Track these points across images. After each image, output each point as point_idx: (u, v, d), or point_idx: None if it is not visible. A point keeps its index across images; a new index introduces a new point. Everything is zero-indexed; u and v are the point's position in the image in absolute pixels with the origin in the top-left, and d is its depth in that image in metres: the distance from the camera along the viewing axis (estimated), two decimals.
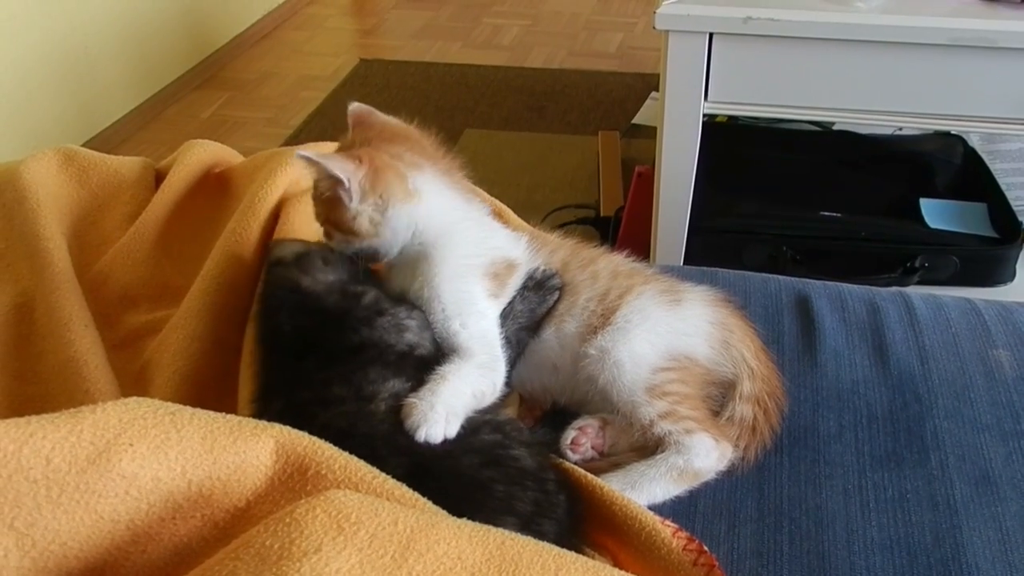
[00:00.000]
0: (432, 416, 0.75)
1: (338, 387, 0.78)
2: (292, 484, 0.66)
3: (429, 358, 0.83)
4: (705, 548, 0.76)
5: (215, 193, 1.14)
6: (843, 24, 1.34)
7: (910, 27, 1.33)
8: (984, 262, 1.73)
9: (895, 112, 1.46)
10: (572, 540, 0.73)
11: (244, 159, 1.19)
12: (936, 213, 1.77)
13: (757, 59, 1.41)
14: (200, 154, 1.16)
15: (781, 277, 1.17)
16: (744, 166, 1.90)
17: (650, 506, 0.81)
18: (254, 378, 0.86)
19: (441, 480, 0.72)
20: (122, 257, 1.06)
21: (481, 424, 0.79)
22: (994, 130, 1.57)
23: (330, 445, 0.68)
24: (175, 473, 0.61)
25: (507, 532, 0.65)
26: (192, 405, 0.66)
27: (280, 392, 0.81)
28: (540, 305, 0.91)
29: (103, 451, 0.59)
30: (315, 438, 0.68)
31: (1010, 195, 1.81)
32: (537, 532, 0.70)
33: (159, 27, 2.93)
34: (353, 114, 0.94)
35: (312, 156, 0.80)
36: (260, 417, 0.69)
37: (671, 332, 0.90)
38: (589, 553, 0.75)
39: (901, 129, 1.97)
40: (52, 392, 0.89)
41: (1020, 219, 1.75)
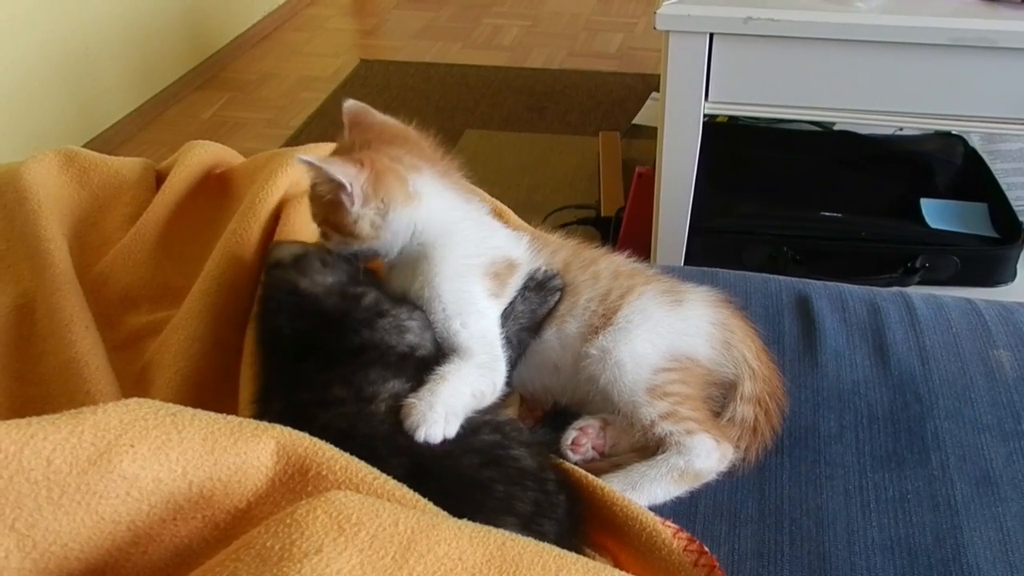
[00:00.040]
0: (431, 416, 0.75)
1: (338, 388, 0.78)
2: (293, 485, 0.66)
3: (430, 359, 0.83)
4: (706, 549, 0.76)
5: (216, 194, 1.14)
6: (843, 24, 1.34)
7: (910, 27, 1.33)
8: (985, 262, 1.73)
9: (895, 112, 1.46)
10: (572, 540, 0.73)
11: (245, 160, 1.19)
12: (937, 213, 1.77)
13: (757, 59, 1.41)
14: (201, 155, 1.16)
15: (782, 277, 1.17)
16: (745, 166, 1.90)
17: (651, 507, 0.80)
18: (254, 379, 0.86)
19: (441, 480, 0.72)
20: (123, 258, 1.06)
21: (481, 424, 0.79)
22: (994, 130, 1.57)
23: (331, 446, 0.68)
24: (176, 474, 0.61)
25: (507, 533, 0.65)
26: (193, 406, 0.66)
27: (280, 393, 0.81)
28: (541, 306, 0.91)
29: (104, 452, 0.59)
30: (316, 439, 0.68)
31: (1011, 195, 1.81)
32: (537, 532, 0.70)
33: (160, 28, 2.93)
34: (349, 112, 0.93)
35: (314, 161, 0.80)
36: (260, 418, 0.69)
37: (672, 333, 0.90)
38: (589, 554, 0.75)
39: (901, 129, 1.97)
40: (53, 393, 0.89)
41: (1021, 219, 1.75)
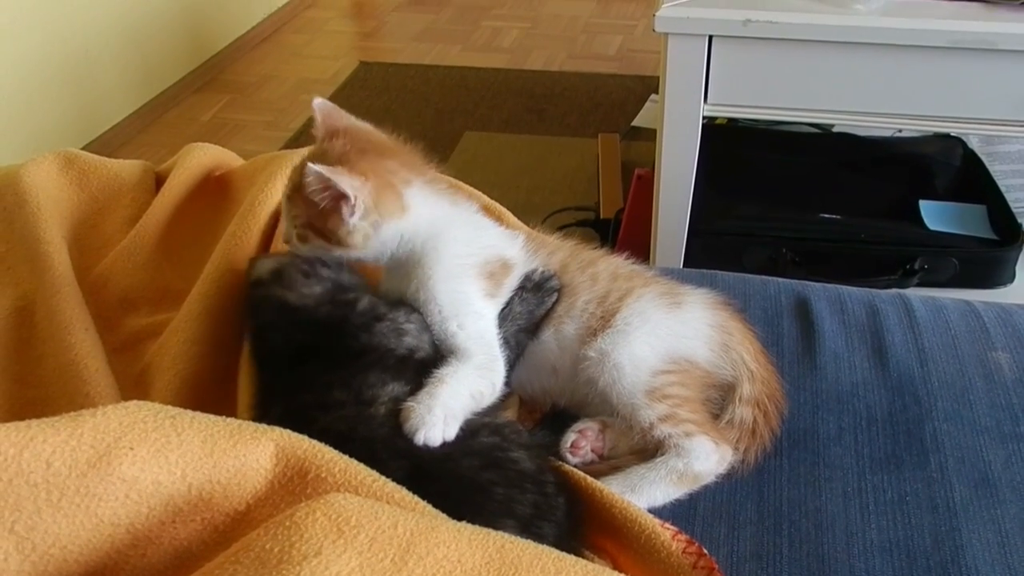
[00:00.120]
0: (430, 419, 0.75)
1: (338, 391, 0.78)
2: (292, 487, 0.66)
3: (429, 361, 0.83)
4: (705, 551, 0.76)
5: (215, 196, 1.14)
6: (842, 27, 1.34)
7: (909, 29, 1.33)
8: (984, 264, 1.73)
9: (895, 114, 1.46)
10: (571, 543, 0.73)
11: (244, 162, 1.19)
12: (936, 215, 1.78)
13: (757, 61, 1.41)
14: (200, 157, 1.16)
15: (781, 279, 1.17)
16: (744, 168, 1.90)
17: (650, 509, 0.81)
18: (253, 383, 0.86)
19: (440, 483, 0.72)
20: (122, 260, 1.06)
21: (480, 427, 0.79)
22: (993, 132, 1.57)
23: (330, 448, 0.68)
24: (175, 477, 0.62)
25: (507, 535, 0.65)
26: (192, 408, 0.66)
27: (280, 397, 0.81)
28: (538, 307, 0.91)
29: (103, 455, 0.59)
30: (315, 441, 0.68)
31: (1009, 197, 1.81)
32: (536, 535, 0.70)
33: (159, 30, 2.94)
34: (321, 111, 0.91)
35: (323, 171, 0.79)
36: (260, 422, 0.69)
37: (671, 335, 0.90)
38: (589, 556, 0.75)
39: (901, 131, 1.97)
40: (52, 396, 0.89)
41: (1019, 221, 1.75)
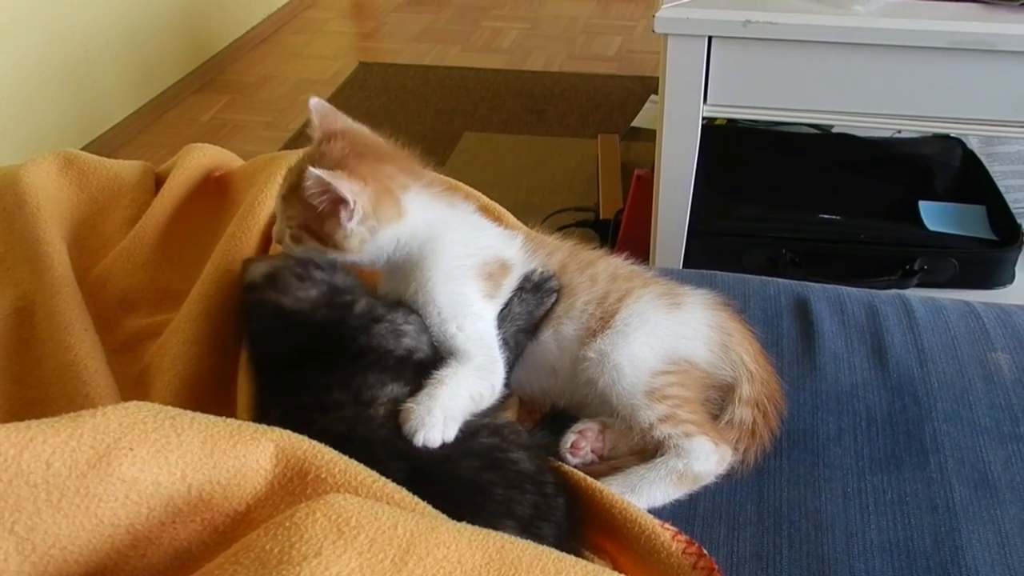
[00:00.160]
0: (430, 420, 0.75)
1: (337, 392, 0.78)
2: (292, 488, 0.66)
3: (428, 362, 0.83)
4: (705, 551, 0.76)
5: (215, 197, 1.14)
6: (842, 27, 1.34)
7: (909, 30, 1.33)
8: (983, 264, 1.73)
9: (894, 115, 1.46)
10: (571, 543, 0.73)
11: (244, 163, 1.19)
12: (935, 215, 1.78)
13: (756, 62, 1.41)
14: (200, 158, 1.16)
15: (780, 280, 1.17)
16: (743, 169, 1.90)
17: (650, 509, 0.81)
18: (252, 385, 0.86)
19: (440, 484, 0.72)
20: (122, 261, 1.06)
21: (479, 427, 0.79)
22: (993, 133, 1.57)
23: (330, 449, 0.68)
24: (175, 477, 0.61)
25: (506, 536, 0.65)
26: (192, 409, 0.66)
27: (278, 399, 0.81)
28: (538, 307, 0.91)
29: (103, 455, 0.59)
30: (315, 442, 0.68)
31: (1009, 197, 1.81)
32: (536, 535, 0.70)
33: (159, 31, 2.94)
34: (317, 111, 0.91)
35: (324, 175, 0.79)
36: (259, 423, 0.69)
37: (670, 336, 0.90)
38: (588, 556, 0.75)
39: (900, 132, 1.97)
40: (52, 396, 0.89)
41: (1019, 221, 1.75)
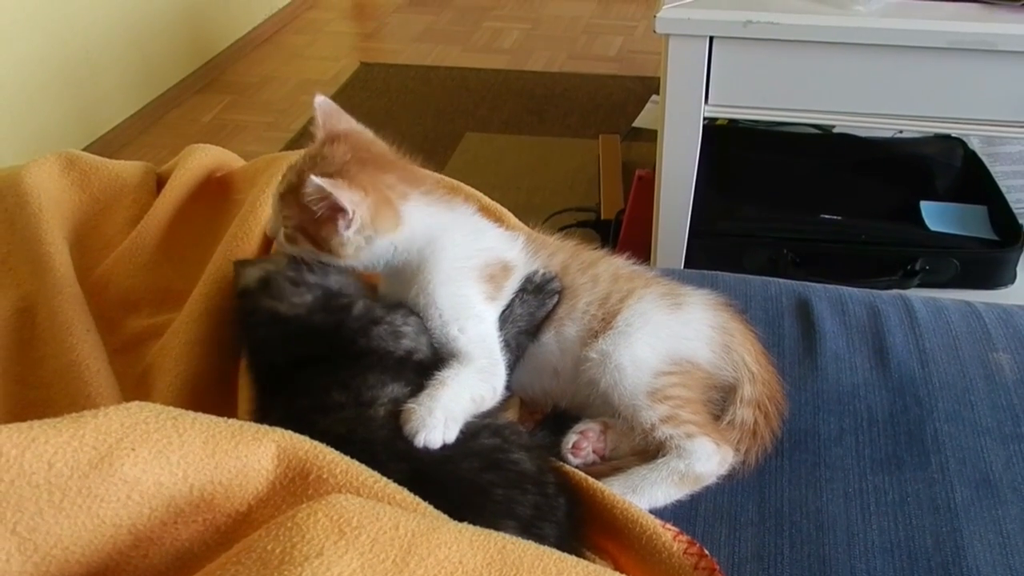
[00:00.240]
0: (431, 421, 0.75)
1: (337, 393, 0.78)
2: (294, 488, 0.66)
3: (428, 363, 0.83)
4: (706, 552, 0.76)
5: (216, 197, 1.14)
6: (843, 28, 1.34)
7: (910, 30, 1.33)
8: (985, 265, 1.73)
9: (895, 115, 1.46)
10: (572, 543, 0.73)
11: (245, 163, 1.19)
12: (936, 216, 1.78)
13: (757, 63, 1.41)
14: (201, 158, 1.16)
15: (782, 280, 1.17)
16: (744, 169, 1.91)
17: (651, 510, 0.81)
18: (252, 387, 0.86)
19: (441, 484, 0.72)
20: (124, 261, 1.06)
21: (480, 428, 0.79)
22: (994, 133, 1.57)
23: (331, 449, 0.68)
24: (177, 477, 0.62)
25: (508, 536, 0.65)
26: (194, 409, 0.66)
27: (279, 400, 0.81)
28: (539, 309, 0.91)
29: (105, 456, 0.59)
30: (316, 442, 0.68)
31: (1010, 197, 1.81)
32: (537, 536, 0.70)
33: (160, 31, 2.94)
34: (321, 110, 0.91)
35: (325, 184, 0.79)
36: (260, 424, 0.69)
37: (672, 336, 0.90)
38: (590, 556, 0.75)
39: (901, 132, 1.97)
40: (54, 397, 0.89)
41: (1020, 221, 1.75)
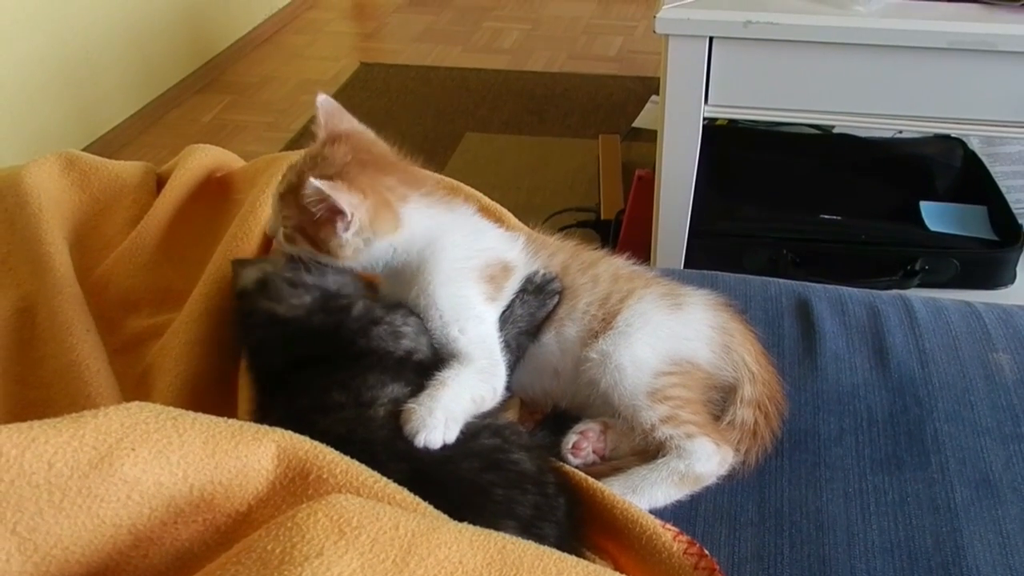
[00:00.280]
0: (431, 421, 0.75)
1: (337, 393, 0.78)
2: (294, 488, 0.66)
3: (428, 363, 0.83)
4: (706, 552, 0.76)
5: (216, 197, 1.14)
6: (843, 28, 1.34)
7: (910, 31, 1.33)
8: (984, 265, 1.73)
9: (895, 115, 1.46)
10: (572, 543, 0.73)
11: (245, 164, 1.19)
12: (936, 216, 1.78)
13: (757, 63, 1.41)
14: (201, 158, 1.16)
15: (781, 280, 1.17)
16: (744, 170, 1.90)
17: (651, 510, 0.81)
18: (251, 387, 0.86)
19: (441, 485, 0.72)
20: (124, 261, 1.06)
21: (481, 428, 0.79)
22: (994, 133, 1.57)
23: (331, 449, 0.68)
24: (177, 477, 0.62)
25: (508, 536, 0.65)
26: (194, 409, 0.66)
27: (279, 400, 0.81)
28: (540, 309, 0.91)
29: (105, 456, 0.59)
30: (316, 442, 0.68)
31: (1010, 198, 1.81)
32: (537, 536, 0.70)
33: (160, 31, 2.94)
34: (324, 109, 0.91)
35: (324, 187, 0.79)
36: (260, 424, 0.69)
37: (672, 336, 0.90)
38: (590, 556, 0.75)
39: (901, 132, 1.97)
40: (54, 397, 0.89)
41: (1020, 222, 1.75)
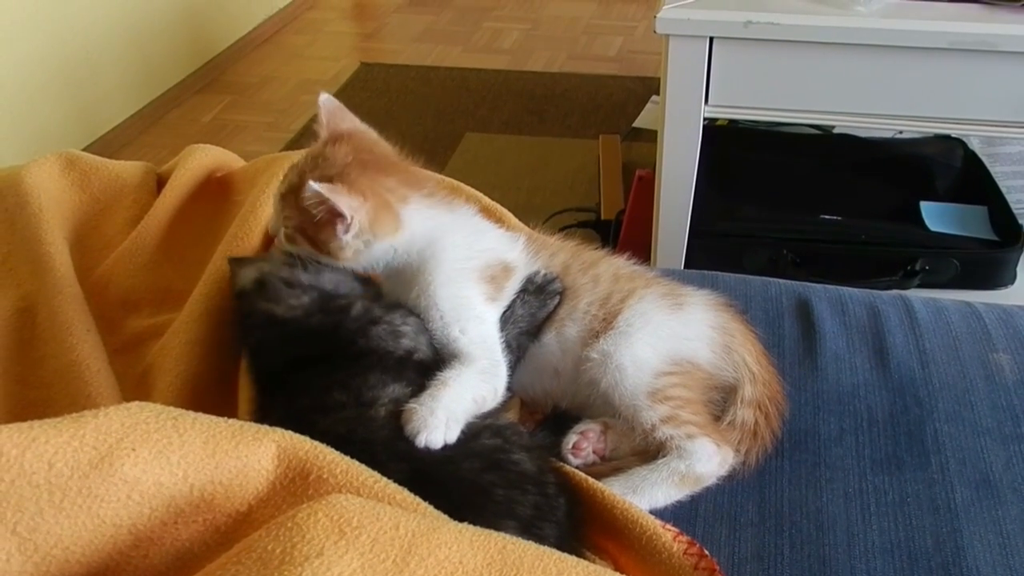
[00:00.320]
0: (432, 421, 0.75)
1: (337, 392, 0.78)
2: (294, 488, 0.66)
3: (428, 363, 0.83)
4: (706, 552, 0.76)
5: (217, 197, 1.14)
6: (843, 28, 1.34)
7: (910, 31, 1.33)
8: (985, 265, 1.73)
9: (895, 115, 1.46)
10: (573, 544, 0.73)
11: (245, 164, 1.19)
12: (936, 216, 1.78)
13: (757, 63, 1.41)
14: (201, 159, 1.16)
15: (782, 281, 1.17)
16: (744, 170, 1.90)
17: (651, 510, 0.81)
18: (252, 387, 0.86)
19: (441, 485, 0.72)
20: (124, 261, 1.06)
21: (481, 428, 0.79)
22: (994, 133, 1.57)
23: (331, 449, 0.68)
24: (177, 477, 0.62)
25: (508, 536, 0.65)
26: (194, 409, 0.66)
27: (279, 400, 0.81)
28: (540, 309, 0.91)
29: (105, 456, 0.59)
30: (317, 443, 0.68)
31: (1010, 198, 1.81)
32: (537, 536, 0.70)
33: (160, 31, 2.94)
34: (325, 109, 0.91)
35: (323, 190, 0.79)
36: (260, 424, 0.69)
37: (673, 336, 0.90)
38: (590, 557, 0.75)
39: (901, 132, 1.97)
40: (54, 397, 0.89)
41: (1020, 222, 1.75)
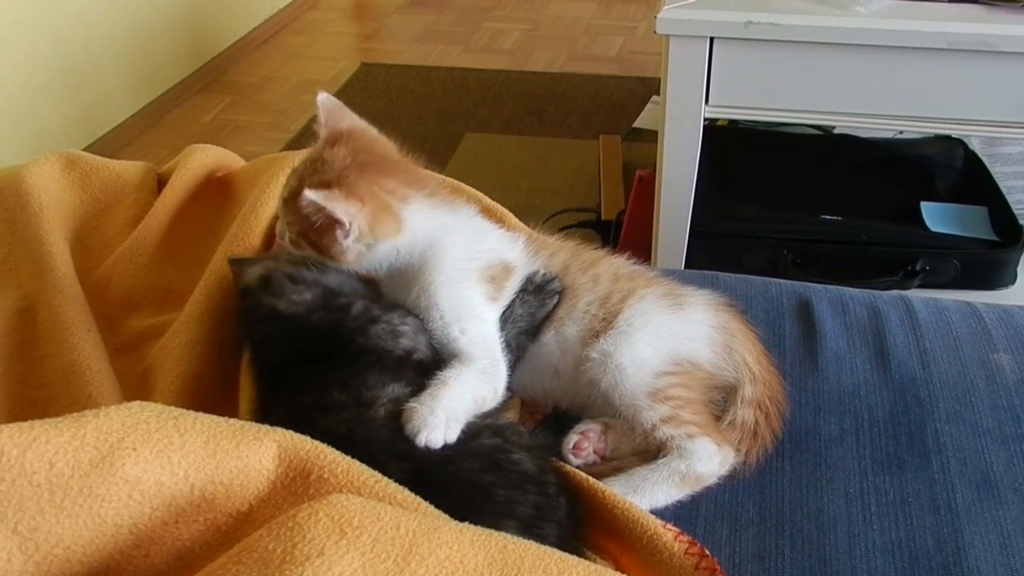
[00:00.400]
0: (432, 421, 0.75)
1: (337, 392, 0.78)
2: (295, 488, 0.66)
3: (427, 362, 0.83)
4: (707, 552, 0.76)
5: (217, 197, 1.14)
6: (844, 28, 1.34)
7: (910, 31, 1.33)
8: (985, 265, 1.73)
9: (896, 116, 1.46)
10: (573, 543, 0.73)
11: (246, 164, 1.19)
12: (937, 216, 1.78)
13: (758, 63, 1.41)
14: (202, 159, 1.16)
15: (782, 281, 1.17)
16: (745, 170, 1.91)
17: (652, 510, 0.81)
18: (253, 385, 0.86)
19: (442, 485, 0.72)
20: (124, 261, 1.06)
21: (481, 428, 0.79)
22: (994, 134, 1.57)
23: (332, 449, 0.68)
24: (178, 477, 0.62)
25: (509, 536, 0.65)
26: (195, 409, 0.67)
27: (280, 399, 0.81)
28: (540, 309, 0.91)
29: (106, 455, 0.60)
30: (317, 442, 0.68)
31: (1011, 198, 1.81)
32: (538, 535, 0.70)
33: (160, 31, 2.94)
34: (324, 107, 0.91)
35: (319, 199, 0.78)
36: (260, 424, 0.69)
37: (674, 336, 0.90)
38: (590, 556, 0.75)
39: (902, 133, 1.97)
40: (55, 396, 0.89)
41: (1021, 222, 1.75)
